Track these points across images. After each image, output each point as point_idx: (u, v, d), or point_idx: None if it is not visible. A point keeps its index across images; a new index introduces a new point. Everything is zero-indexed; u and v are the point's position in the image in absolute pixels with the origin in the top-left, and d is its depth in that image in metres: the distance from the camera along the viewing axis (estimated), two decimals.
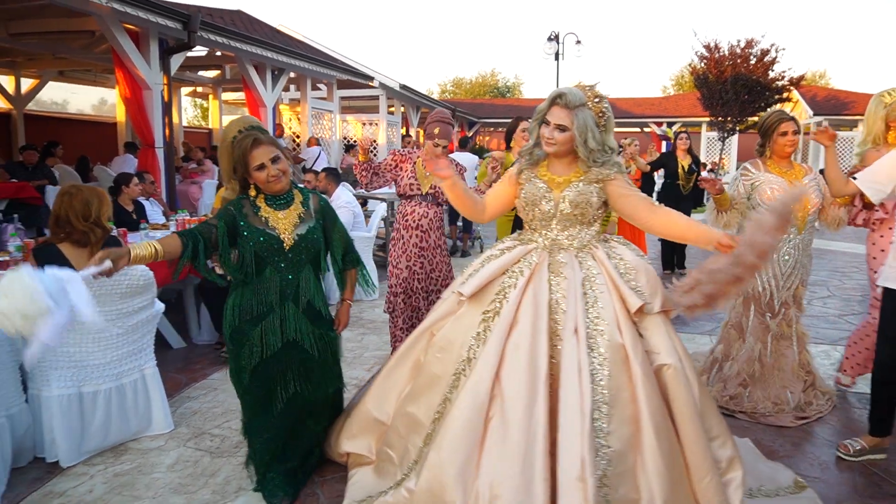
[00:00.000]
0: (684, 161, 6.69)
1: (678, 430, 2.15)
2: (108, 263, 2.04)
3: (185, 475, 2.75)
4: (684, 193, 6.72)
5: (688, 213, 6.54)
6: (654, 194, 8.28)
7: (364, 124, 15.48)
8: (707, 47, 17.72)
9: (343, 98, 15.09)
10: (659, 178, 7.29)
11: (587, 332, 2.15)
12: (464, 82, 44.08)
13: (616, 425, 2.04)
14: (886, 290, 2.72)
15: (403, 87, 15.18)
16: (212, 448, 3.00)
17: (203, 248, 2.32)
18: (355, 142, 9.98)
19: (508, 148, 4.51)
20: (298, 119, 12.73)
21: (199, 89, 15.51)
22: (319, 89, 13.43)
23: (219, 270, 4.31)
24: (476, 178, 6.89)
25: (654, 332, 2.22)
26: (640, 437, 2.06)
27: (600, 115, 2.29)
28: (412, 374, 2.48)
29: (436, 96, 35.99)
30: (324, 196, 2.50)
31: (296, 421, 2.52)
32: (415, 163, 3.71)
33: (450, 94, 41.93)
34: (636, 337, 2.18)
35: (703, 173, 8.92)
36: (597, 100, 2.29)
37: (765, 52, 17.21)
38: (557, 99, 2.28)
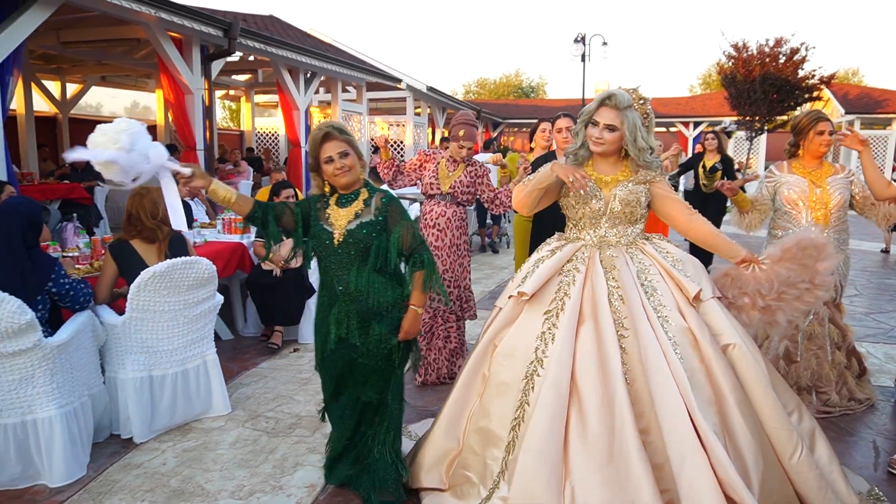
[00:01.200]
0: (709, 161, 6.64)
1: (757, 408, 2.15)
2: (190, 170, 2.27)
3: (246, 451, 3.01)
4: (706, 193, 6.57)
5: (718, 215, 6.49)
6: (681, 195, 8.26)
7: (391, 126, 15.77)
8: (735, 47, 17.60)
9: (370, 100, 15.38)
10: (685, 178, 7.19)
11: (657, 318, 2.21)
12: (488, 83, 44.18)
13: (699, 405, 2.04)
14: None
15: (430, 88, 15.40)
16: (267, 429, 3.25)
17: (273, 219, 2.43)
18: (375, 143, 10.32)
19: (530, 149, 4.63)
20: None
21: (232, 92, 15.96)
22: (348, 91, 13.74)
23: (266, 267, 4.59)
24: (498, 178, 7.05)
25: (712, 316, 2.28)
26: (727, 417, 2.07)
27: (645, 116, 2.40)
28: (480, 391, 2.44)
29: (460, 97, 36.17)
30: (390, 193, 2.53)
31: (355, 420, 2.54)
32: (438, 163, 3.79)
33: (474, 95, 42.07)
34: (700, 320, 2.23)
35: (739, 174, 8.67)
36: (641, 101, 2.41)
37: (794, 51, 17.03)
38: (607, 100, 2.36)
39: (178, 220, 2.35)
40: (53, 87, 12.00)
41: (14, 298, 2.51)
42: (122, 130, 2.19)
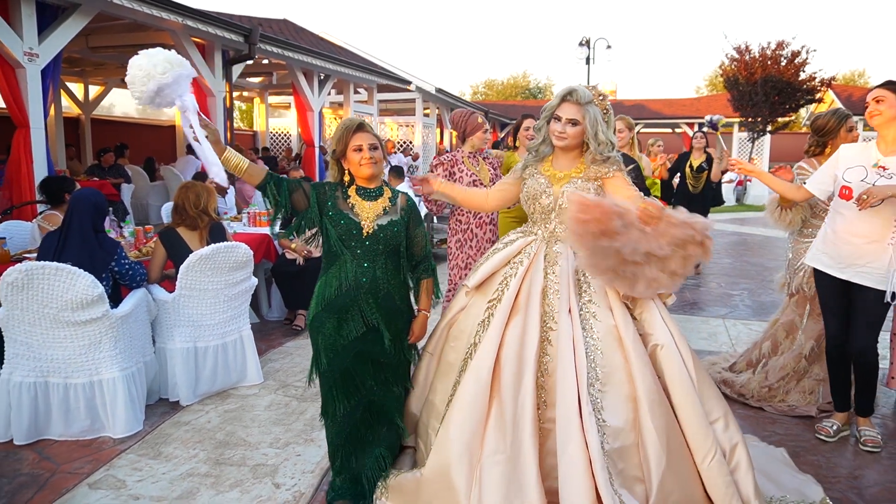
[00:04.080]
0: (695, 161, 6.67)
1: (676, 410, 2.20)
2: (208, 129, 2.25)
3: (279, 413, 3.43)
4: (693, 192, 6.67)
5: (704, 212, 6.58)
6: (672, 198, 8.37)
7: (400, 126, 16.21)
8: (738, 49, 17.93)
9: (380, 101, 15.83)
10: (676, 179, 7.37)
11: (580, 315, 2.29)
12: (495, 84, 44.60)
13: (612, 402, 2.14)
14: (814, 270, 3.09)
15: (439, 90, 15.82)
16: (297, 395, 3.67)
17: (285, 190, 2.35)
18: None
19: (515, 147, 4.60)
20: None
21: (245, 93, 16.43)
22: (359, 93, 14.18)
23: (290, 256, 5.02)
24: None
25: (646, 315, 2.33)
26: (639, 416, 2.14)
27: (605, 111, 2.46)
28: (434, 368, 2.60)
29: (468, 98, 36.58)
30: (413, 198, 2.57)
31: (364, 421, 2.46)
32: (461, 161, 3.70)
33: (481, 96, 42.49)
34: (628, 319, 2.29)
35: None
36: (601, 98, 2.47)
37: (795, 54, 17.35)
38: (568, 96, 2.42)
39: (216, 172, 2.28)
40: (77, 89, 12.50)
41: (87, 274, 2.94)
42: (175, 65, 2.18)
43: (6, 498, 2.57)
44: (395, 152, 13.93)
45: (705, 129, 6.54)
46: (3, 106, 6.02)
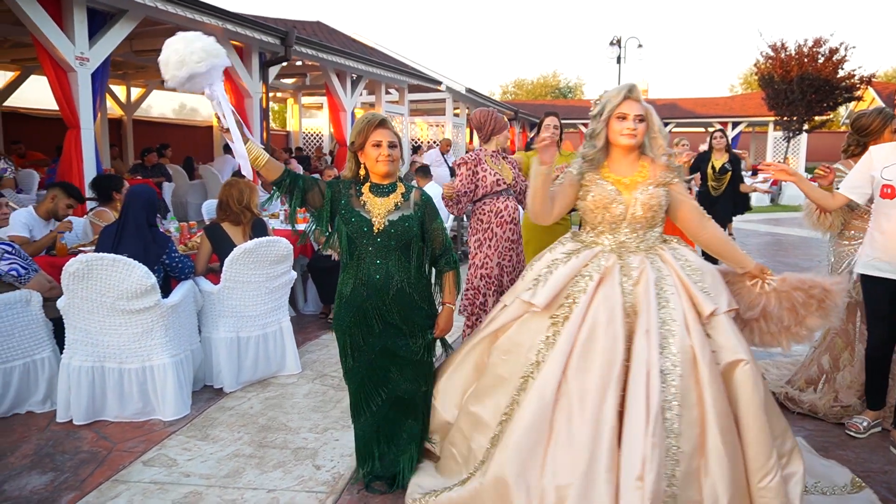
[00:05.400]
0: (717, 161, 6.24)
1: (743, 430, 2.13)
2: (236, 122, 2.24)
3: (317, 400, 3.58)
4: (714, 195, 6.23)
5: (726, 217, 6.30)
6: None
7: (430, 126, 16.37)
8: (773, 47, 17.62)
9: (411, 101, 16.01)
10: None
11: (660, 333, 2.15)
12: (525, 83, 44.49)
13: (685, 427, 2.04)
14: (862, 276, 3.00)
15: (469, 90, 15.92)
16: (333, 384, 3.82)
17: (299, 188, 2.38)
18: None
19: (531, 147, 4.62)
20: None
21: (279, 94, 16.79)
22: (390, 94, 14.38)
23: (325, 252, 5.18)
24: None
25: (721, 331, 2.21)
26: (706, 440, 2.05)
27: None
28: (475, 375, 2.49)
29: (497, 98, 36.61)
30: (428, 193, 2.57)
31: (390, 416, 2.53)
32: (484, 161, 3.63)
33: (511, 96, 42.46)
34: (704, 339, 2.17)
35: (748, 175, 8.31)
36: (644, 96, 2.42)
37: (833, 51, 16.97)
38: (629, 93, 2.33)
39: (243, 165, 2.30)
40: (119, 91, 12.95)
41: (142, 265, 3.12)
42: (211, 55, 2.14)
43: (70, 472, 2.77)
44: (433, 147, 14.03)
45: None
46: (55, 108, 6.33)
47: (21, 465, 2.83)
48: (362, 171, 2.46)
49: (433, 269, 2.62)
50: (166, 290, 3.49)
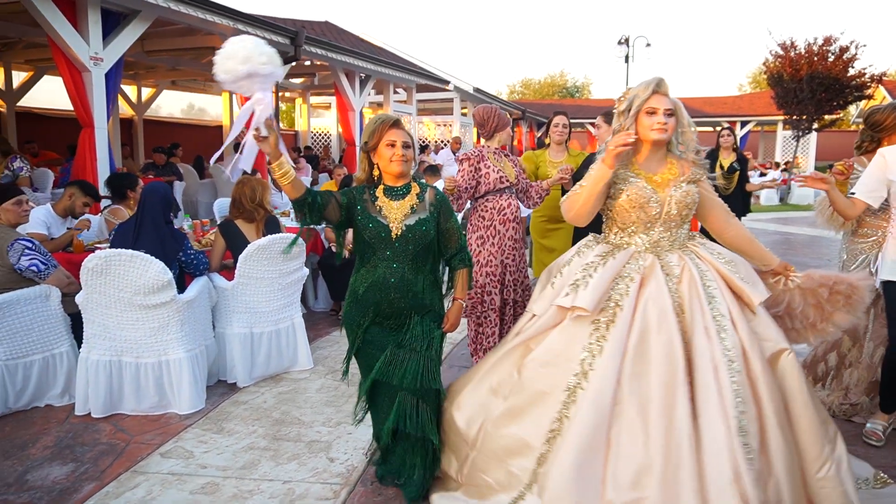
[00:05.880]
0: (725, 160, 6.08)
1: (795, 420, 2.09)
2: (270, 130, 2.18)
3: (329, 395, 3.63)
4: (723, 195, 5.80)
5: (737, 216, 6.40)
6: None
7: (438, 126, 16.41)
8: (782, 46, 17.54)
9: (419, 101, 16.06)
10: None
11: (716, 329, 2.10)
12: (532, 83, 44.49)
13: (750, 424, 1.97)
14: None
15: (477, 89, 15.95)
16: (345, 380, 3.86)
17: (319, 204, 2.35)
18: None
19: (546, 144, 4.57)
20: None
21: (287, 94, 16.88)
22: (398, 93, 14.43)
23: (335, 249, 5.23)
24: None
25: (761, 322, 2.18)
26: (767, 437, 2.00)
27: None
28: (503, 391, 2.32)
29: (504, 97, 36.62)
30: (441, 191, 2.54)
31: (400, 412, 2.45)
32: (487, 157, 3.58)
33: (518, 95, 42.44)
34: (751, 332, 2.13)
35: (756, 175, 8.21)
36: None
37: (844, 50, 16.89)
38: (657, 87, 2.28)
39: (243, 164, 2.30)
40: (130, 91, 13.07)
41: (158, 261, 3.18)
42: (275, 64, 2.15)
43: (90, 463, 2.83)
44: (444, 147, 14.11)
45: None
46: (67, 108, 6.41)
47: (42, 457, 2.89)
48: (376, 172, 2.46)
49: (446, 267, 2.61)
50: (181, 287, 3.55)
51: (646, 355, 2.08)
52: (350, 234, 2.52)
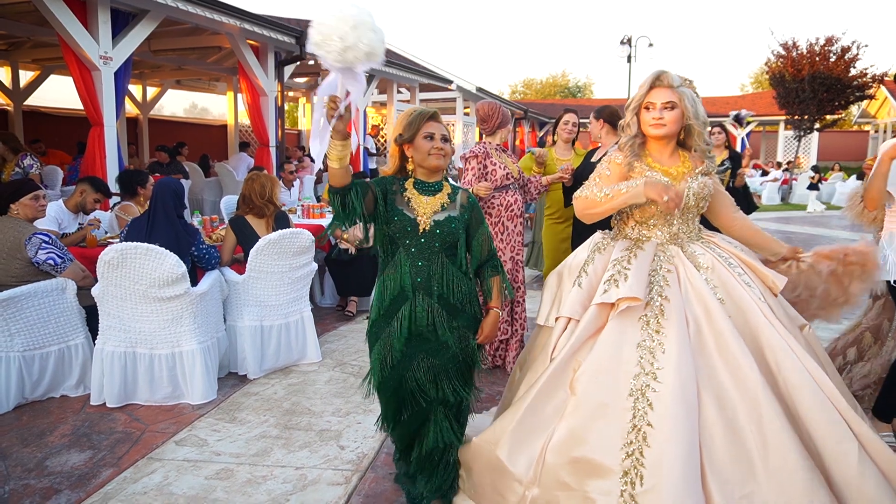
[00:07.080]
0: (717, 158, 6.10)
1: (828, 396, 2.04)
2: (347, 113, 2.00)
3: (338, 386, 3.70)
4: None
5: None
6: None
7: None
8: (784, 46, 17.60)
9: (422, 100, 16.13)
10: None
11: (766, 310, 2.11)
12: (534, 83, 44.57)
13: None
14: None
15: (479, 89, 16.02)
16: (353, 372, 3.94)
17: (359, 192, 2.14)
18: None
19: (553, 142, 4.63)
20: (384, 121, 13.89)
21: (290, 93, 16.97)
22: (402, 92, 14.50)
23: (342, 246, 5.31)
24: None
25: (781, 302, 2.24)
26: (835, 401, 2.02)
27: (696, 94, 2.32)
28: (560, 415, 2.07)
29: (506, 97, 36.69)
30: (474, 195, 2.43)
31: (435, 426, 2.28)
32: (491, 154, 3.62)
33: (520, 95, 42.51)
34: (784, 312, 2.18)
35: (757, 174, 8.19)
36: (688, 81, 2.31)
37: (846, 50, 16.95)
38: (657, 81, 2.25)
39: (315, 148, 2.12)
40: (136, 90, 13.16)
41: (173, 254, 3.26)
42: (369, 54, 1.96)
43: (107, 450, 2.91)
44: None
45: (729, 123, 5.95)
46: (73, 107, 6.49)
47: (60, 444, 2.97)
48: (410, 166, 2.30)
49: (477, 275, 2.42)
50: (193, 281, 3.62)
51: (706, 346, 2.02)
52: (354, 230, 2.27)
